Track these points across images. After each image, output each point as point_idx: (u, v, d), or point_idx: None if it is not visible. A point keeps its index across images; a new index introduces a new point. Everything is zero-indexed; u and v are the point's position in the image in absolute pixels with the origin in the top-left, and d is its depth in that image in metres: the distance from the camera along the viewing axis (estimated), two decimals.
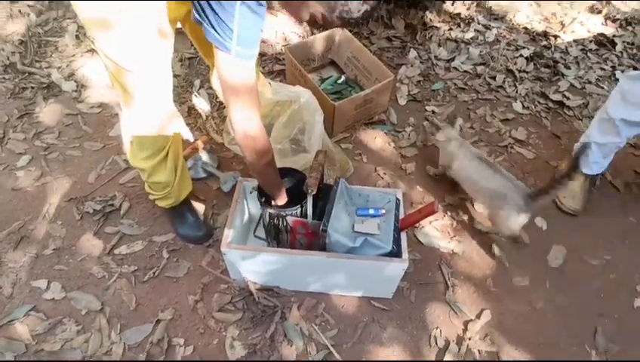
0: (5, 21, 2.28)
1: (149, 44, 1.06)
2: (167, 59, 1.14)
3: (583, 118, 2.05)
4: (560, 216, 1.68)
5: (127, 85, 1.11)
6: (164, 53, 1.12)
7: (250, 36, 0.90)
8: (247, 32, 0.88)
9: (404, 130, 1.93)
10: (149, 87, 1.13)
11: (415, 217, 1.21)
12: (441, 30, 2.42)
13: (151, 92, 1.15)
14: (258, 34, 0.93)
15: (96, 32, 1.02)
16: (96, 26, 1.00)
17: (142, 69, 1.08)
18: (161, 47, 1.10)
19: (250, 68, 0.95)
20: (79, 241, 1.52)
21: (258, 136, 1.04)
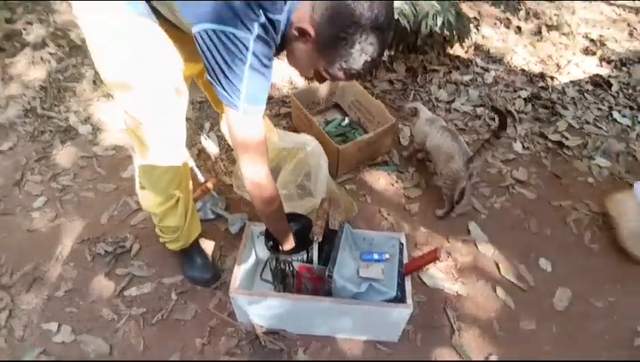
0: (28, 68, 2.42)
1: (166, 102, 1.14)
2: (182, 113, 1.22)
3: (582, 158, 2.09)
4: (564, 258, 1.70)
5: (144, 138, 1.18)
6: (180, 108, 1.20)
7: (258, 95, 0.95)
8: (254, 91, 0.93)
9: (407, 170, 1.99)
10: (164, 139, 1.20)
11: (418, 263, 1.24)
12: (440, 73, 2.53)
13: (166, 143, 1.22)
14: (265, 92, 0.98)
15: (119, 92, 1.10)
16: (118, 87, 1.09)
17: (159, 124, 1.16)
18: (177, 104, 1.18)
19: (258, 123, 1.01)
20: (90, 283, 1.56)
21: (266, 186, 1.09)
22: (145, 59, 1.06)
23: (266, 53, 0.90)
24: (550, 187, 1.96)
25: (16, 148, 2.03)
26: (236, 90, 0.91)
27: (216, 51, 0.86)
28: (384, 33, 0.86)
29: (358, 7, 0.81)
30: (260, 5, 0.84)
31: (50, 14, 2.76)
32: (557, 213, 1.86)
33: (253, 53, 0.87)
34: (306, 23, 0.86)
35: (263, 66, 0.91)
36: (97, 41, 1.04)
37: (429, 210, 1.84)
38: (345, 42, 0.85)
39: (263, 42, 0.88)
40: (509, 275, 1.63)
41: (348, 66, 0.89)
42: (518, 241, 1.75)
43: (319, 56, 0.90)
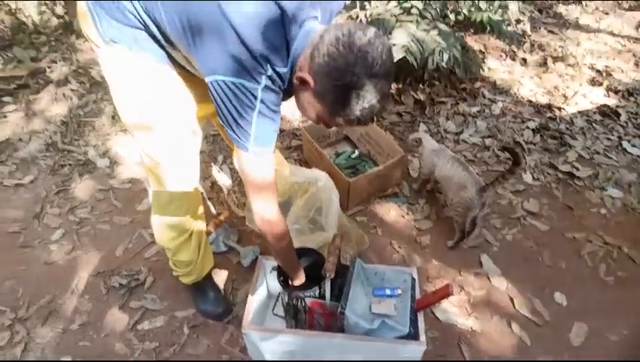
0: (50, 104, 2.53)
1: (183, 143, 1.19)
2: (197, 152, 1.27)
3: (594, 189, 2.09)
4: (580, 291, 1.67)
5: (161, 176, 1.22)
6: (195, 148, 1.25)
7: (266, 137, 0.98)
8: (263, 134, 0.96)
9: (417, 202, 2.00)
10: (180, 177, 1.25)
11: (430, 299, 1.24)
12: (448, 104, 2.57)
13: (182, 181, 1.26)
14: (274, 134, 1.00)
15: (138, 133, 1.16)
16: (137, 128, 1.14)
17: (175, 163, 1.21)
18: (192, 144, 1.23)
19: (267, 164, 1.04)
20: (104, 316, 1.57)
21: (276, 222, 1.12)
22: (163, 102, 1.12)
23: (273, 100, 0.95)
24: (563, 218, 1.95)
25: (37, 182, 2.10)
26: (246, 133, 0.95)
27: (227, 99, 0.91)
28: (381, 81, 0.88)
29: (353, 57, 0.84)
30: (267, 60, 0.89)
31: (73, 53, 2.91)
32: (571, 245, 1.84)
33: (262, 100, 0.91)
34: (305, 72, 0.90)
35: (271, 111, 0.95)
36: (118, 85, 1.10)
37: (440, 242, 1.84)
38: (342, 91, 0.88)
39: (271, 91, 0.93)
40: (524, 310, 1.60)
41: (346, 114, 0.91)
42: (532, 274, 1.73)
43: (319, 103, 0.93)
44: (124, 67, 1.06)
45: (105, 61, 1.08)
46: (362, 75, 0.85)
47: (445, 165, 1.78)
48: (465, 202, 1.70)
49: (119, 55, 1.03)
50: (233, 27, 0.86)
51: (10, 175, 2.12)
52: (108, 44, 1.02)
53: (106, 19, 0.98)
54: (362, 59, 0.84)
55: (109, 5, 0.97)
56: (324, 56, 0.86)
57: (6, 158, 2.21)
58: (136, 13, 0.96)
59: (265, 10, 0.87)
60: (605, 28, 3.55)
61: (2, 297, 1.63)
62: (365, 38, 0.84)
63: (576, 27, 3.54)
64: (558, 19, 3.64)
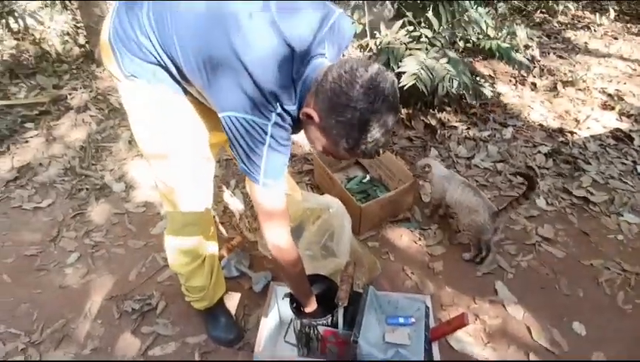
0: (70, 129, 2.61)
1: (197, 171, 1.22)
2: (210, 178, 1.30)
3: (610, 215, 2.05)
4: (598, 320, 1.62)
5: (175, 202, 1.25)
6: (209, 174, 1.28)
7: (276, 170, 1.01)
8: (273, 167, 0.99)
9: (429, 228, 1.99)
10: (194, 202, 1.27)
11: (445, 329, 1.22)
12: (459, 129, 2.59)
13: (196, 206, 1.28)
14: (283, 167, 1.03)
15: (154, 161, 1.19)
16: (154, 157, 1.18)
17: (190, 190, 1.23)
18: (206, 170, 1.26)
19: (277, 194, 1.06)
20: (116, 342, 1.58)
21: (287, 250, 1.13)
22: (179, 132, 1.16)
23: (282, 135, 0.98)
24: (579, 245, 1.92)
25: (55, 205, 2.15)
26: (256, 166, 0.98)
27: (238, 134, 0.95)
28: (384, 116, 0.89)
29: (355, 93, 0.86)
30: (277, 98, 0.93)
31: (93, 80, 3.02)
32: (588, 272, 1.80)
33: (271, 136, 0.95)
34: (311, 108, 0.93)
35: (281, 146, 0.99)
36: (137, 117, 1.15)
37: (454, 268, 1.82)
38: (345, 126, 0.90)
39: (280, 127, 0.97)
40: (542, 340, 1.56)
41: (351, 148, 0.94)
42: (549, 303, 1.69)
43: (324, 138, 0.95)
44: (143, 100, 1.10)
45: (125, 94, 1.12)
46: (365, 111, 0.87)
47: (456, 190, 1.79)
48: (476, 225, 1.71)
49: (139, 88, 1.08)
50: (245, 66, 0.90)
51: (29, 198, 2.18)
52: (128, 79, 1.07)
53: (127, 56, 1.03)
54: (364, 96, 0.86)
55: (129, 43, 1.02)
56: (328, 93, 0.89)
57: (26, 182, 2.27)
58: (155, 52, 1.01)
59: (275, 50, 0.91)
60: (615, 52, 3.56)
61: (17, 321, 1.65)
62: (367, 74, 0.87)
63: (585, 52, 3.56)
64: (566, 45, 3.67)
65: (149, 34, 0.99)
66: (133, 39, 1.01)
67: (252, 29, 0.91)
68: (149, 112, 1.12)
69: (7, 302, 1.71)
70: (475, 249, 1.79)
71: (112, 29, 1.04)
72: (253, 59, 0.90)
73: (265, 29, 0.92)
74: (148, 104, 1.11)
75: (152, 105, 1.11)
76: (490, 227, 1.69)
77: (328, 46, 1.01)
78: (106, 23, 1.06)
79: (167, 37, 0.98)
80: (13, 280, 1.80)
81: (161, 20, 0.98)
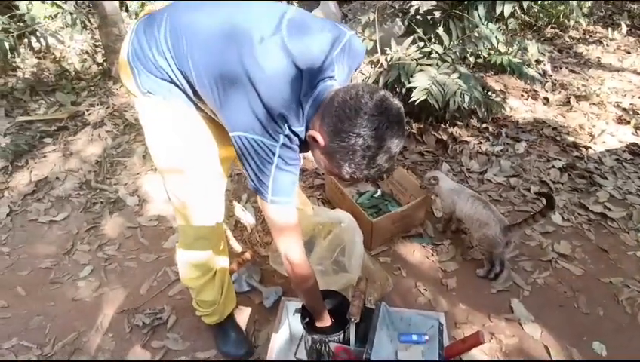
0: (87, 144, 2.67)
1: (210, 185, 1.24)
2: (222, 193, 1.31)
3: (629, 231, 2.00)
4: (619, 340, 1.56)
5: (188, 216, 1.26)
6: (221, 189, 1.30)
7: (285, 189, 1.02)
8: (280, 186, 1.01)
9: (442, 243, 1.96)
10: (207, 217, 1.28)
11: (460, 348, 1.19)
12: (471, 144, 2.57)
13: (208, 220, 1.29)
14: (293, 185, 1.04)
15: (168, 176, 1.21)
16: (168, 172, 1.19)
17: (203, 204, 1.25)
18: (219, 185, 1.27)
19: (287, 211, 1.07)
20: (127, 356, 1.57)
21: (300, 264, 1.13)
22: (193, 148, 1.18)
23: (290, 155, 1.00)
24: (597, 262, 1.87)
25: (70, 219, 2.18)
26: (264, 185, 1.00)
27: (247, 153, 0.97)
28: (388, 142, 0.90)
29: (359, 120, 0.86)
30: (284, 120, 0.96)
31: (110, 97, 3.10)
32: (607, 290, 1.75)
33: (279, 156, 0.97)
34: (316, 131, 0.95)
35: (289, 165, 1.00)
36: (153, 132, 1.17)
37: (468, 285, 1.78)
38: (348, 152, 0.90)
39: (288, 148, 0.99)
40: (561, 360, 1.51)
41: (353, 172, 0.94)
42: (568, 322, 1.64)
43: (328, 161, 0.97)
44: (159, 115, 1.13)
45: (142, 110, 1.15)
46: (368, 138, 0.88)
47: (465, 204, 1.77)
48: (488, 239, 1.69)
49: (155, 104, 1.11)
50: (254, 87, 0.92)
51: (45, 212, 2.22)
52: (145, 95, 1.10)
53: (144, 73, 1.07)
54: (368, 122, 0.87)
55: (147, 61, 1.05)
56: (333, 118, 0.90)
57: (43, 196, 2.32)
58: (170, 70, 1.04)
59: (284, 70, 0.94)
60: (629, 67, 3.53)
61: (30, 333, 1.66)
62: (372, 101, 0.87)
63: (598, 66, 3.54)
64: (579, 59, 3.66)
65: (165, 53, 1.03)
66: (150, 58, 1.04)
67: (263, 49, 0.94)
68: (163, 127, 1.15)
69: (20, 314, 1.73)
70: (489, 264, 1.76)
71: (131, 47, 1.07)
72: (262, 78, 0.92)
73: (275, 50, 0.94)
74: (163, 119, 1.13)
75: (166, 120, 1.13)
76: (501, 241, 1.67)
77: (338, 68, 1.03)
78: (125, 42, 1.10)
79: (182, 57, 1.01)
80: (27, 293, 1.81)
81: (177, 41, 1.01)
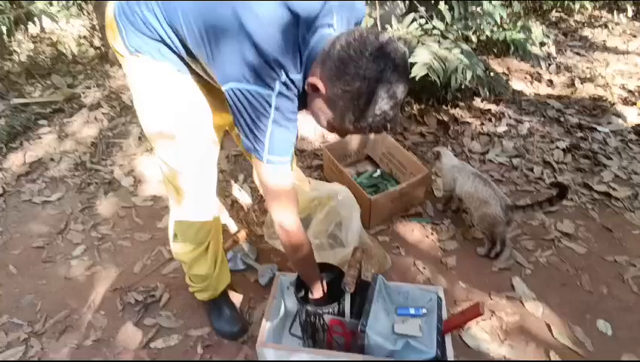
0: (82, 126, 2.63)
1: (202, 152, 1.19)
2: (215, 162, 1.26)
3: (635, 210, 1.95)
4: (625, 319, 1.52)
5: (179, 186, 1.22)
6: (213, 158, 1.25)
7: (281, 147, 0.97)
8: (277, 143, 0.96)
9: (442, 222, 1.92)
10: (198, 186, 1.24)
11: (459, 320, 1.15)
12: (472, 125, 2.52)
13: (200, 190, 1.25)
14: (289, 143, 0.99)
15: (159, 142, 1.16)
16: (159, 137, 1.15)
17: (195, 172, 1.20)
18: (211, 153, 1.23)
19: (284, 172, 1.02)
20: (118, 333, 1.54)
21: (295, 232, 1.09)
22: (185, 111, 1.13)
23: (288, 107, 0.94)
24: (601, 241, 1.82)
25: (64, 199, 2.15)
26: (260, 142, 0.95)
27: (242, 107, 0.91)
28: (394, 86, 0.85)
29: (364, 62, 0.82)
30: (280, 65, 0.89)
31: (106, 80, 3.06)
32: (612, 269, 1.70)
33: (276, 108, 0.91)
34: (316, 78, 0.89)
35: (286, 120, 0.94)
36: (142, 94, 1.12)
37: (468, 263, 1.74)
38: (353, 97, 0.86)
39: (285, 97, 0.92)
40: (564, 338, 1.47)
41: (357, 121, 0.89)
42: (571, 300, 1.59)
43: (330, 110, 0.92)
44: (148, 76, 1.08)
45: (130, 71, 1.10)
46: (373, 81, 0.83)
47: (466, 181, 1.73)
48: (488, 218, 1.65)
49: (143, 64, 1.06)
50: (247, 32, 0.87)
51: (39, 192, 2.19)
52: (133, 54, 1.05)
53: (132, 31, 1.02)
54: (373, 64, 0.82)
55: (135, 18, 1.00)
56: (335, 62, 0.85)
57: (37, 177, 2.28)
58: (160, 27, 0.99)
59: (279, 16, 0.88)
60: (634, 50, 3.45)
61: (21, 311, 1.63)
62: (378, 42, 0.83)
63: (603, 49, 3.46)
64: (584, 42, 3.58)
65: (154, 9, 0.98)
66: (139, 14, 1.00)
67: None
68: (153, 89, 1.10)
69: (12, 292, 1.70)
70: (489, 243, 1.71)
71: (118, 5, 1.03)
72: (255, 23, 0.87)
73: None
74: (152, 80, 1.08)
75: (156, 81, 1.08)
76: (502, 220, 1.63)
77: (337, 19, 0.97)
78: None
79: (171, 10, 0.96)
80: (19, 271, 1.79)
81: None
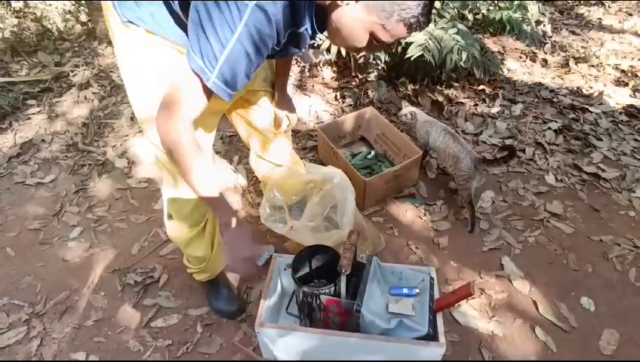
0: (72, 106, 2.59)
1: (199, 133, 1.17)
2: (210, 146, 1.26)
3: (622, 191, 2.00)
4: (609, 296, 1.59)
5: (169, 167, 1.21)
6: (209, 142, 1.24)
7: (235, 75, 0.84)
8: (233, 67, 0.83)
9: (435, 203, 1.95)
10: None
11: (450, 299, 1.19)
12: (466, 106, 2.52)
13: None
14: (244, 79, 0.86)
15: (150, 126, 1.14)
16: (150, 122, 1.13)
17: None
18: (207, 138, 1.22)
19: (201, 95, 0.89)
20: (118, 313, 1.57)
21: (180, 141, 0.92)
22: None
23: (262, 30, 0.80)
24: (588, 221, 1.87)
25: (57, 181, 2.14)
26: (213, 58, 0.80)
27: (205, 17, 0.78)
28: None
29: None
30: None
31: (95, 58, 2.98)
32: (597, 248, 1.76)
33: (246, 24, 0.77)
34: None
35: (252, 45, 0.80)
36: (135, 71, 1.06)
37: (459, 243, 1.78)
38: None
39: (263, 14, 0.78)
40: (549, 314, 1.53)
41: (407, 14, 0.80)
42: (557, 278, 1.66)
43: (371, 14, 0.81)
44: (139, 53, 1.02)
45: (121, 47, 1.04)
46: None
47: (438, 136, 1.86)
48: (464, 173, 1.75)
49: (135, 41, 1.00)
50: None
51: (32, 174, 2.17)
52: (125, 25, 0.98)
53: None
54: None
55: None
56: None
57: (29, 158, 2.26)
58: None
59: None
60: (629, 29, 3.44)
61: (21, 292, 1.65)
62: None
63: (599, 28, 3.44)
64: (579, 21, 3.55)
65: None
66: None
67: None
68: (145, 67, 1.04)
69: (10, 274, 1.72)
70: (470, 210, 1.79)
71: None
72: None
73: None
74: (146, 56, 1.02)
75: (150, 58, 1.02)
76: (474, 172, 1.73)
77: None
78: None
79: None
80: (16, 254, 1.80)
81: None
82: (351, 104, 2.53)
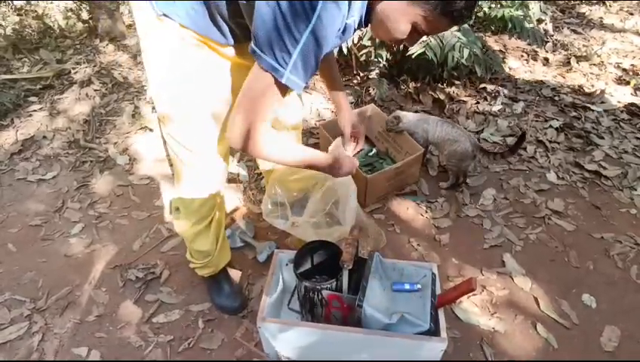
0: (74, 103, 2.59)
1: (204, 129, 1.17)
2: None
3: (623, 189, 2.00)
4: (610, 293, 1.59)
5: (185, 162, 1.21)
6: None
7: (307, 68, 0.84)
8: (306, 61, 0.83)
9: (436, 200, 1.95)
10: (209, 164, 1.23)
11: (451, 295, 1.19)
12: (468, 104, 2.53)
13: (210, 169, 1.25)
14: (314, 68, 0.86)
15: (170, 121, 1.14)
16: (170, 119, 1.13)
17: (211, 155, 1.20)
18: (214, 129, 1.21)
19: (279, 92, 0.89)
20: (120, 309, 1.57)
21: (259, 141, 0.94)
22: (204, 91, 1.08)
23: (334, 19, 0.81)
24: (590, 218, 1.87)
25: (59, 178, 2.14)
26: (287, 54, 0.80)
27: (278, 13, 0.77)
28: None
29: None
30: None
31: (96, 55, 2.99)
32: (599, 245, 1.76)
33: (319, 16, 0.78)
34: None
35: (325, 36, 0.81)
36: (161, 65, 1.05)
37: (461, 241, 1.78)
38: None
39: (335, 6, 0.79)
40: (550, 311, 1.53)
41: (451, 7, 0.81)
42: (558, 275, 1.66)
43: (416, 6, 0.82)
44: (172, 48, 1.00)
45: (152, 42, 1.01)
46: None
47: (436, 128, 1.89)
48: (457, 154, 1.81)
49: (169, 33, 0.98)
50: None
51: (33, 171, 2.17)
52: (159, 18, 0.96)
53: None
54: None
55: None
56: None
57: (30, 155, 2.26)
58: None
59: None
60: (631, 28, 3.44)
61: (23, 288, 1.65)
62: None
63: (600, 27, 3.45)
64: (581, 19, 3.56)
65: None
66: None
67: None
68: (176, 64, 1.02)
69: (12, 270, 1.72)
70: (454, 178, 1.87)
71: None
72: None
73: None
74: (176, 53, 1.00)
75: (180, 55, 1.00)
76: (471, 154, 1.80)
77: None
78: None
79: None
80: (18, 250, 1.80)
81: None
82: (352, 102, 2.53)
